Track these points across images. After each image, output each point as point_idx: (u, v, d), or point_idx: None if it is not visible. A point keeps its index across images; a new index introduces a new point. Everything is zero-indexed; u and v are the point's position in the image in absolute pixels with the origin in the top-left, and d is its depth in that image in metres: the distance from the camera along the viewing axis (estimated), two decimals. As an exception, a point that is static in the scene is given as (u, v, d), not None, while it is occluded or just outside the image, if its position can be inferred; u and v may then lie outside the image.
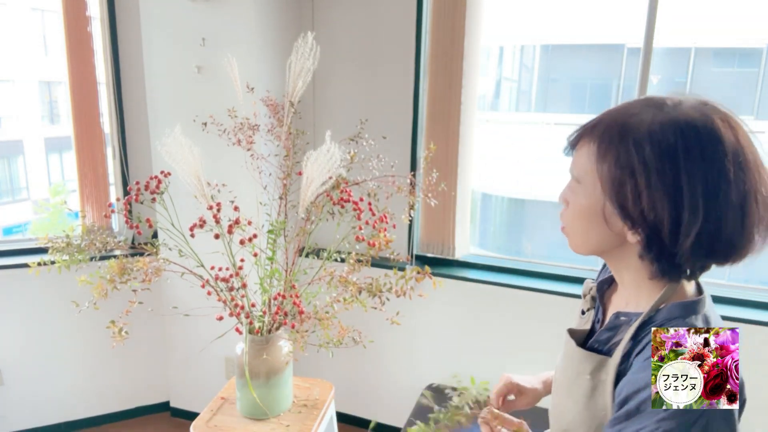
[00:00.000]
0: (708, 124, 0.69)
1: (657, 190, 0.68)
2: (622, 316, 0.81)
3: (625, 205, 0.72)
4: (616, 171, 0.71)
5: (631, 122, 0.72)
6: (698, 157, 0.67)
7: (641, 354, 0.73)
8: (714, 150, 0.68)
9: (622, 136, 0.71)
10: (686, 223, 0.68)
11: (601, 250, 0.81)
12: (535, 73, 6.36)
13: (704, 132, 0.68)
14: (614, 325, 0.81)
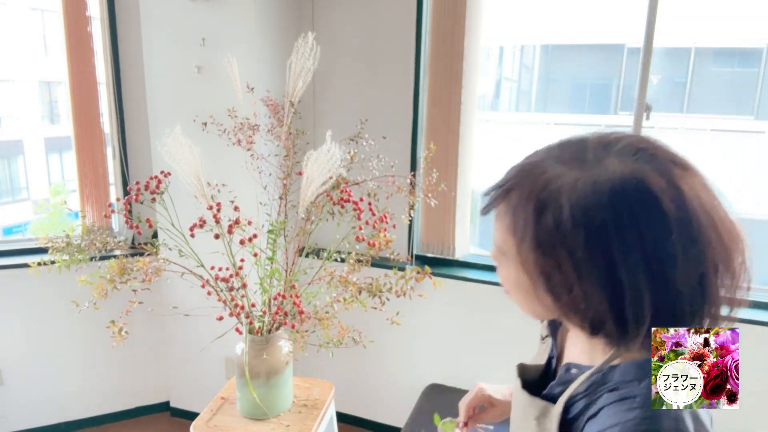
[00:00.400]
0: (641, 185, 0.55)
1: (589, 283, 0.57)
2: (573, 368, 0.71)
3: (558, 298, 0.61)
4: (539, 259, 0.60)
5: (549, 190, 0.58)
6: (634, 237, 0.55)
7: (594, 420, 0.63)
8: (653, 225, 0.55)
9: (539, 212, 0.58)
10: (630, 314, 0.57)
11: (550, 316, 0.70)
12: (535, 73, 6.36)
13: (638, 202, 0.55)
14: (566, 380, 0.71)
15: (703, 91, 6.01)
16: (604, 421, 0.61)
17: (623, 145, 0.59)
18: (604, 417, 0.62)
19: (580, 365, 0.71)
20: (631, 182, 0.56)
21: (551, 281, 0.60)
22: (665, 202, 0.55)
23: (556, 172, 0.59)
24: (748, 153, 5.79)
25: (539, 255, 0.60)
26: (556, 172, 0.59)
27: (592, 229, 0.55)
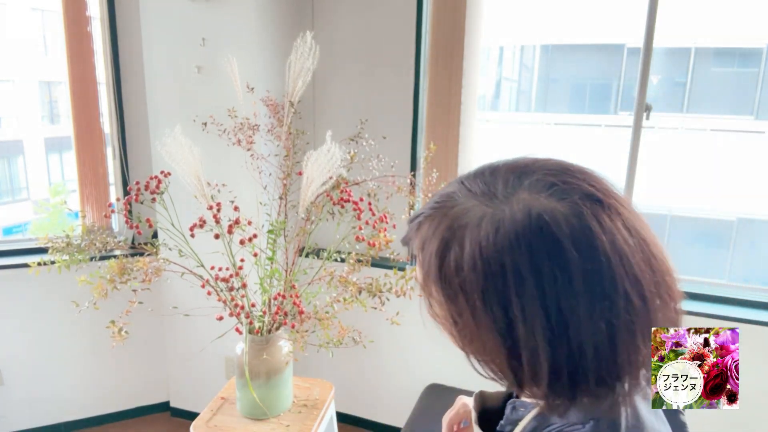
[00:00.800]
0: (546, 228, 0.49)
1: (486, 332, 0.52)
2: (519, 407, 0.66)
3: (463, 345, 0.57)
4: (444, 302, 0.56)
5: (454, 227, 0.53)
6: (533, 288, 0.49)
7: None
8: (556, 274, 0.49)
9: (443, 251, 0.54)
10: (527, 368, 0.51)
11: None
12: (535, 73, 6.36)
13: (539, 242, 0.49)
14: (513, 419, 0.66)
15: (703, 91, 6.02)
16: None
17: (537, 177, 0.53)
18: None
19: (525, 403, 0.66)
20: (536, 225, 0.49)
21: (456, 326, 0.56)
22: (569, 250, 0.48)
23: (466, 206, 0.54)
24: (748, 153, 5.79)
25: (444, 298, 0.56)
26: (465, 207, 0.54)
27: (489, 274, 0.50)
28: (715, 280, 2.25)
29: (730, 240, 5.89)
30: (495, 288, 0.50)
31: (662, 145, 5.67)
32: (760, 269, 5.63)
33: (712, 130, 5.94)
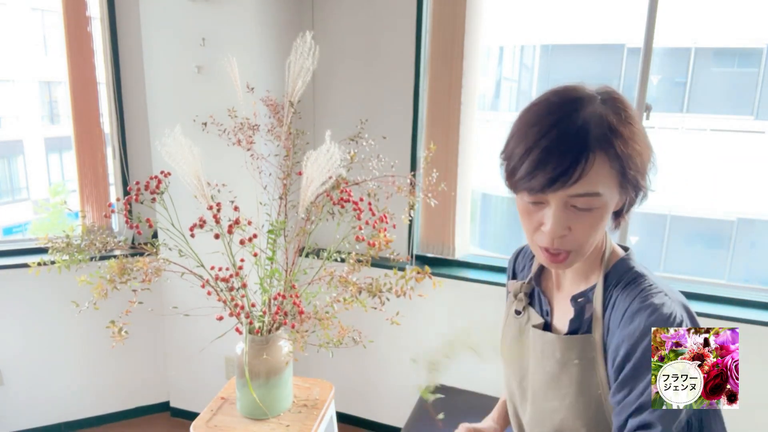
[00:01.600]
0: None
1: (643, 143, 0.77)
2: (579, 298, 0.85)
3: (633, 177, 0.76)
4: (625, 154, 0.74)
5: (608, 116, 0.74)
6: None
7: (614, 312, 0.79)
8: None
9: (612, 129, 0.74)
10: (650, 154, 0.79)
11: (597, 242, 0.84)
12: (535, 73, 6.36)
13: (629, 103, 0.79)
14: (578, 309, 0.85)
15: (703, 91, 6.01)
16: (623, 303, 0.78)
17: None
18: (620, 302, 0.78)
19: (582, 292, 0.85)
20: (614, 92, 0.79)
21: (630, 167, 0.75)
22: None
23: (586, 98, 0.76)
24: (748, 153, 5.79)
25: (624, 152, 0.73)
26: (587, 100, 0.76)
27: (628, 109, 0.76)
28: (715, 280, 2.25)
29: (730, 240, 5.89)
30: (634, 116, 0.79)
31: (662, 145, 5.65)
32: (760, 269, 5.62)
33: (712, 130, 5.93)
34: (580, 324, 0.85)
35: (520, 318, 0.97)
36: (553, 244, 0.78)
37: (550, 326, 0.92)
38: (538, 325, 0.92)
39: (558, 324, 0.91)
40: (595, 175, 0.73)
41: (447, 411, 2.21)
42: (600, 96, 0.76)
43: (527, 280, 0.97)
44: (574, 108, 0.73)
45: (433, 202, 1.57)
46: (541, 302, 0.95)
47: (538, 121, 0.74)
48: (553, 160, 0.72)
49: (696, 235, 6.20)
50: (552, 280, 0.95)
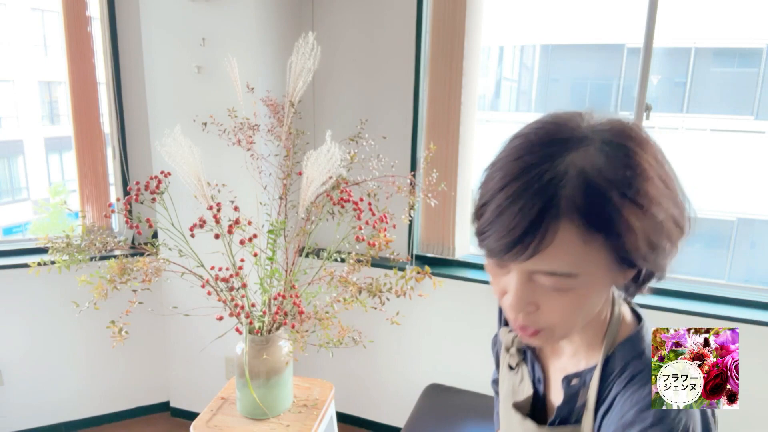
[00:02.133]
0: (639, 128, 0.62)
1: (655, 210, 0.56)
2: (572, 379, 0.69)
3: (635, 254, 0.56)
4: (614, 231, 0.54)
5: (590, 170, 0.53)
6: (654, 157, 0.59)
7: (610, 413, 0.64)
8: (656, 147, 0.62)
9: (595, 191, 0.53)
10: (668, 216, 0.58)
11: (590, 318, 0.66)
12: (535, 73, 6.36)
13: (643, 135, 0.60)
14: (571, 394, 0.69)
15: (703, 91, 6.01)
16: (623, 407, 0.61)
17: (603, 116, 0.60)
18: (620, 404, 0.62)
19: (578, 373, 0.69)
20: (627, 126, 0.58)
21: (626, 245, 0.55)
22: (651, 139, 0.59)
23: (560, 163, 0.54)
24: (748, 153, 5.79)
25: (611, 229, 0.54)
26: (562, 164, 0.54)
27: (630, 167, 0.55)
28: (715, 280, 2.25)
29: (730, 240, 5.89)
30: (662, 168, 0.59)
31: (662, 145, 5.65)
32: (760, 269, 5.63)
33: (712, 130, 5.93)
34: (570, 410, 0.69)
35: (514, 376, 0.81)
36: (517, 320, 0.62)
37: (543, 397, 0.77)
38: (519, 403, 0.76)
39: (552, 398, 0.76)
40: (563, 251, 0.54)
41: (447, 411, 2.21)
42: (601, 136, 0.55)
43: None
44: (555, 152, 0.54)
45: (433, 202, 1.57)
46: (533, 367, 0.78)
47: (506, 165, 0.56)
48: (506, 224, 0.53)
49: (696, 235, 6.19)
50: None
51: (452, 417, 2.16)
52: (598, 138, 0.55)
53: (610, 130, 0.56)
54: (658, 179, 0.55)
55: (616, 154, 0.54)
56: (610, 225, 0.53)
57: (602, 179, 0.52)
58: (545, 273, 0.56)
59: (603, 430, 0.63)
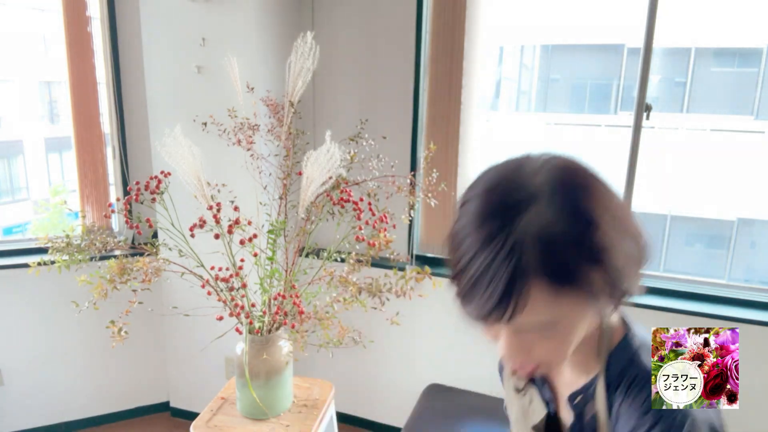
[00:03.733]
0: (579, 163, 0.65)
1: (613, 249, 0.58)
2: (576, 397, 0.73)
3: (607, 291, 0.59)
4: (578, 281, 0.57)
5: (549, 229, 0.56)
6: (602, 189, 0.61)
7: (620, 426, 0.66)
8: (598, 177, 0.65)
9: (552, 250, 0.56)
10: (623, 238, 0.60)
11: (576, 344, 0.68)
12: (535, 73, 6.36)
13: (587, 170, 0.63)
14: (579, 413, 0.73)
15: (703, 91, 6.01)
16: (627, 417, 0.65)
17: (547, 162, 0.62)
18: (624, 415, 0.65)
19: (580, 389, 0.73)
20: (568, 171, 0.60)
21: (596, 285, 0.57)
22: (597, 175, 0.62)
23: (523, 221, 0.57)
24: (748, 153, 5.79)
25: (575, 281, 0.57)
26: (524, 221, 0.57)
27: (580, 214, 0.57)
28: (715, 280, 2.25)
29: (730, 240, 5.89)
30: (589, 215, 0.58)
31: (662, 145, 5.67)
32: (760, 269, 5.63)
33: (712, 130, 5.94)
34: (581, 428, 0.73)
35: (522, 398, 0.83)
36: (513, 364, 0.66)
37: (555, 416, 0.80)
38: (539, 424, 0.79)
39: (563, 416, 0.79)
40: (539, 309, 0.57)
41: (447, 411, 2.21)
42: (549, 189, 0.57)
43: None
44: (510, 218, 0.56)
45: (433, 202, 1.57)
46: (542, 387, 0.81)
47: (472, 233, 0.59)
48: (480, 294, 0.57)
49: (696, 235, 6.20)
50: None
51: (452, 417, 2.16)
52: (545, 192, 0.57)
53: (554, 180, 0.58)
54: (610, 220, 0.57)
55: (563, 207, 0.56)
56: (574, 278, 0.56)
57: (557, 239, 0.55)
58: (531, 327, 0.59)
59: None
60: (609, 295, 0.59)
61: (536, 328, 0.60)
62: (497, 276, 0.55)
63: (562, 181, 0.58)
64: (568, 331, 0.62)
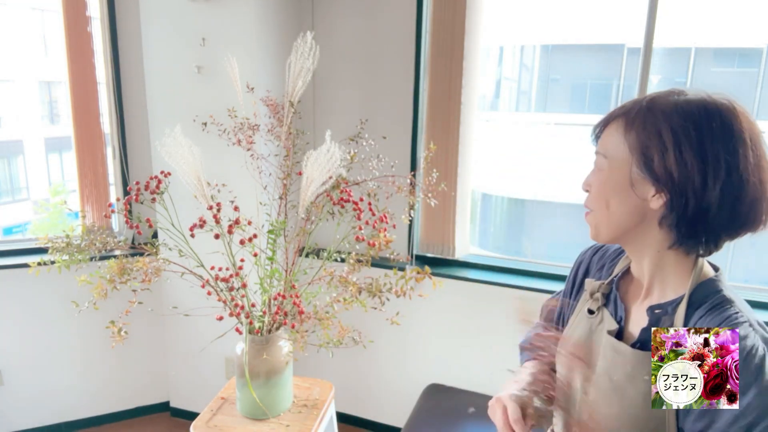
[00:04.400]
0: (730, 108, 0.75)
1: (684, 149, 0.73)
2: (656, 309, 0.83)
3: (651, 165, 0.76)
4: (644, 134, 0.76)
5: (657, 101, 0.77)
6: (720, 131, 0.73)
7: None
8: (734, 128, 0.73)
9: (649, 110, 0.77)
10: (712, 177, 0.72)
11: (624, 229, 0.82)
12: (535, 73, 6.36)
13: (726, 112, 0.74)
14: (654, 323, 0.82)
15: (702, 92, 6.00)
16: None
17: (716, 93, 0.79)
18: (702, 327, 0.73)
19: (661, 304, 0.83)
20: (722, 103, 0.76)
21: (650, 151, 0.76)
22: (744, 120, 0.75)
23: (664, 95, 0.78)
24: (748, 153, 5.78)
25: (645, 131, 0.77)
26: (664, 95, 0.78)
27: (689, 117, 0.75)
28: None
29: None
30: (695, 127, 0.74)
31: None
32: (760, 269, 5.62)
33: (712, 130, 5.93)
34: (645, 335, 0.82)
35: (592, 318, 0.93)
36: (584, 185, 0.87)
37: (622, 333, 0.89)
38: (612, 332, 0.88)
39: (630, 331, 0.88)
40: (608, 137, 0.81)
41: (447, 411, 2.21)
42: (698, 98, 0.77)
43: (608, 281, 0.94)
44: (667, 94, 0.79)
45: (433, 202, 1.57)
46: (616, 306, 0.91)
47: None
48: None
49: (696, 235, 6.18)
50: (633, 285, 0.91)
51: (452, 417, 2.16)
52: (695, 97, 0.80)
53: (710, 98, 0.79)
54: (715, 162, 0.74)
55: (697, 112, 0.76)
56: (641, 128, 0.77)
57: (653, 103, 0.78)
58: (597, 153, 0.84)
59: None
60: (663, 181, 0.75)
61: (598, 156, 0.83)
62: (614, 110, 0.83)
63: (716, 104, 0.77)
64: (609, 177, 0.81)
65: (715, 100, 0.76)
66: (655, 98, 0.79)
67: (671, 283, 0.83)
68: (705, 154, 0.73)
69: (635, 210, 0.80)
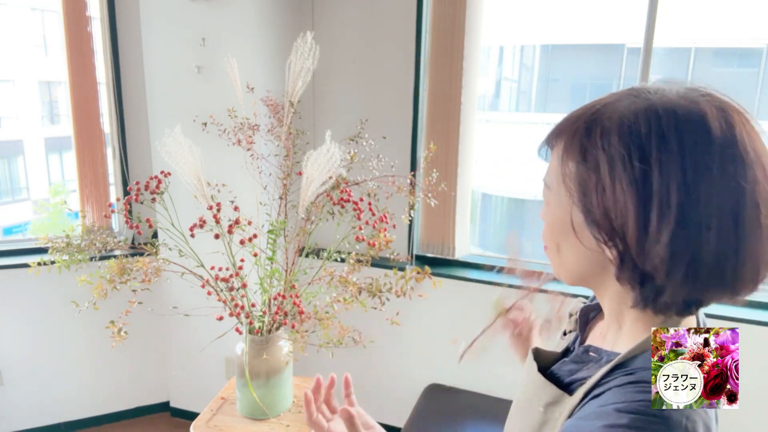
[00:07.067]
0: (692, 111, 0.55)
1: (621, 184, 0.55)
2: (591, 351, 0.70)
3: (590, 207, 0.59)
4: (580, 167, 0.59)
5: (602, 113, 0.59)
6: (675, 148, 0.54)
7: (597, 398, 0.61)
8: (696, 140, 0.54)
9: (589, 129, 0.59)
10: (654, 223, 0.54)
11: (581, 276, 0.67)
12: (535, 73, 6.36)
13: (685, 119, 0.55)
14: (580, 360, 0.70)
15: (702, 92, 6.00)
16: (607, 398, 0.59)
17: (685, 87, 0.59)
18: (608, 395, 0.59)
19: (599, 349, 0.69)
20: (684, 106, 0.55)
21: (586, 188, 0.59)
22: (714, 125, 0.54)
23: (615, 99, 0.61)
24: (748, 153, 5.78)
25: (581, 163, 0.59)
26: (615, 99, 0.61)
27: (633, 136, 0.56)
28: (715, 280, 2.25)
29: (730, 240, 5.88)
30: (639, 149, 0.55)
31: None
32: (760, 269, 5.61)
33: (712, 130, 5.93)
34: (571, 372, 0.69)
35: (561, 340, 0.84)
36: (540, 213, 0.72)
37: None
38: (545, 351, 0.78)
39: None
40: (551, 162, 0.65)
41: (447, 411, 2.21)
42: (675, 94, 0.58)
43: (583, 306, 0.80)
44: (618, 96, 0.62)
45: (433, 202, 1.57)
46: (577, 336, 0.80)
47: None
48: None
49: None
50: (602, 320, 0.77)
51: (452, 417, 2.16)
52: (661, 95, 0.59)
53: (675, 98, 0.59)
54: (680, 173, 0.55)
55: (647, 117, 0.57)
56: (578, 155, 0.59)
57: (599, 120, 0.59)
58: (543, 180, 0.67)
59: (581, 411, 0.61)
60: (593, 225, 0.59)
61: (545, 183, 0.66)
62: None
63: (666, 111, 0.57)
64: (552, 209, 0.65)
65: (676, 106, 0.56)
66: (607, 104, 0.60)
67: (626, 334, 0.67)
68: (650, 188, 0.54)
69: (588, 259, 0.63)
